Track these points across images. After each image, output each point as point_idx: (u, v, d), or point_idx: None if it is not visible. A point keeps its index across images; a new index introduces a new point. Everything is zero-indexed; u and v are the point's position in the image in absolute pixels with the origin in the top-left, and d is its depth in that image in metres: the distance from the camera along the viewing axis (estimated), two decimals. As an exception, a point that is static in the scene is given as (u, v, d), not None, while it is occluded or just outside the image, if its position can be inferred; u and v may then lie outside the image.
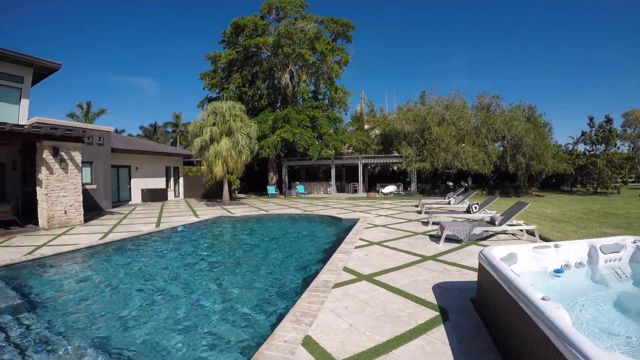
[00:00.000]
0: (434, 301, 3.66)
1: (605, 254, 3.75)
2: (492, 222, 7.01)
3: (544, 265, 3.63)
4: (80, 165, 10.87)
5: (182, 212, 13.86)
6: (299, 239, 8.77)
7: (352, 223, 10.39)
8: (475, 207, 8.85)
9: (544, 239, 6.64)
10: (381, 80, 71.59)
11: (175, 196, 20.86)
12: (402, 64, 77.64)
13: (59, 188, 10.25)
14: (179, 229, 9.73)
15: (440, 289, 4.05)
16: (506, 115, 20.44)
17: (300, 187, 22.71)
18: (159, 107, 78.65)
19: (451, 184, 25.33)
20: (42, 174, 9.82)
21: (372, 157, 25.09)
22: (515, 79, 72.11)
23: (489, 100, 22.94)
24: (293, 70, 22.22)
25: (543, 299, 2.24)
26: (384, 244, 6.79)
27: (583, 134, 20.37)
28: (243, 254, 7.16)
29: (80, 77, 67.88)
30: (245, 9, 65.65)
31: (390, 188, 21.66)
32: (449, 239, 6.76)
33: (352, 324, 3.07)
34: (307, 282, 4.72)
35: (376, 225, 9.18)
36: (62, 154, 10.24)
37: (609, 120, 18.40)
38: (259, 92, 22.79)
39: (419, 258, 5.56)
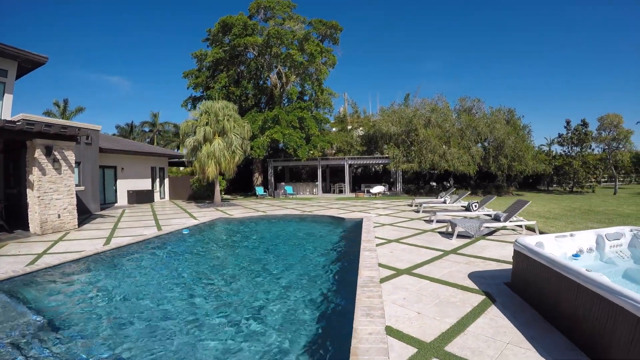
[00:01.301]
0: (476, 287, 4.33)
1: (609, 240, 4.60)
2: (496, 219, 7.87)
3: (564, 250, 4.40)
4: (73, 165, 10.55)
5: (176, 214, 13.86)
6: (312, 238, 9.22)
7: (356, 222, 11.01)
8: (475, 206, 9.75)
9: (542, 233, 7.58)
10: (362, 82, 73.14)
11: (160, 198, 20.56)
12: (384, 65, 79.74)
13: (52, 190, 9.88)
14: (183, 232, 9.76)
15: (475, 278, 4.73)
16: (488, 118, 21.99)
17: (288, 188, 23.09)
18: (134, 106, 75.89)
19: (434, 184, 26.76)
20: (34, 175, 9.41)
21: (359, 158, 25.95)
22: (491, 81, 76.28)
23: (471, 103, 24.50)
24: (281, 71, 22.57)
25: (587, 270, 2.93)
26: (401, 241, 7.44)
27: (560, 136, 22.31)
28: (264, 255, 7.41)
29: (51, 74, 64.24)
30: (226, 8, 65.05)
31: (378, 188, 22.55)
32: (460, 235, 7.53)
33: (419, 311, 3.63)
34: (343, 279, 5.22)
35: (383, 225, 9.84)
36: (55, 153, 9.89)
37: (584, 124, 20.39)
38: (247, 92, 22.92)
39: (441, 252, 6.25)
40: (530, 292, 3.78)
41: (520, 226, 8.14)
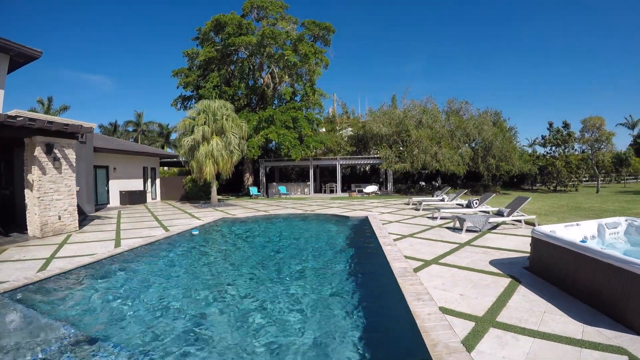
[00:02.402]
0: (500, 272, 5.01)
1: (609, 229, 5.42)
2: (500, 214, 8.69)
3: (572, 237, 5.14)
4: (74, 164, 10.34)
5: (176, 215, 13.96)
6: (324, 236, 9.71)
7: (361, 220, 11.63)
8: (476, 203, 10.59)
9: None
10: (350, 83, 74.43)
11: (152, 198, 20.47)
12: (370, 65, 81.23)
13: (52, 190, 9.58)
14: (193, 232, 9.83)
15: (496, 264, 5.43)
16: (475, 120, 23.23)
17: (282, 188, 23.49)
18: (117, 105, 74.20)
19: (423, 183, 27.89)
20: (34, 175, 9.10)
21: (350, 158, 26.69)
22: (472, 83, 79.33)
23: (459, 105, 25.75)
24: (275, 71, 22.94)
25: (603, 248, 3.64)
26: (415, 236, 8.11)
27: (543, 137, 23.90)
28: (286, 253, 7.82)
29: (28, 72, 61.46)
30: (210, 6, 64.61)
31: (371, 188, 23.33)
32: (467, 230, 8.28)
33: (461, 293, 4.24)
34: (375, 271, 5.79)
35: (390, 222, 10.50)
36: (56, 151, 9.61)
37: (566, 126, 22.01)
38: (239, 92, 23.15)
39: (456, 245, 6.95)
40: (550, 273, 4.49)
41: (520, 221, 9.01)
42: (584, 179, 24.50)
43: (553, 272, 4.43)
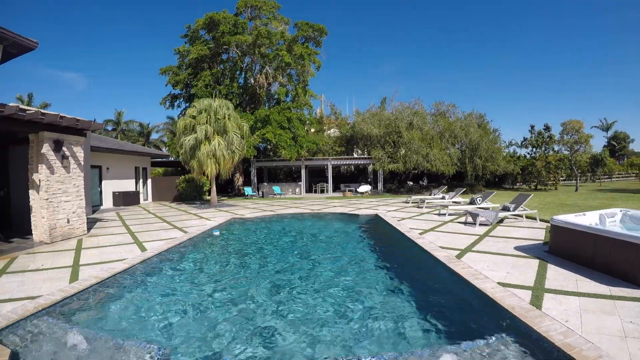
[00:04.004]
0: (527, 255, 6.23)
1: (608, 218, 6.82)
2: (506, 209, 10.07)
3: (588, 223, 6.48)
4: (82, 163, 9.97)
5: (181, 216, 14.03)
6: (350, 233, 10.57)
7: (371, 218, 12.75)
8: (479, 200, 11.98)
9: (542, 220, 9.93)
10: (338, 84, 75.97)
11: (144, 199, 20.52)
12: (356, 68, 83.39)
13: (61, 191, 9.16)
14: (214, 233, 10.19)
15: (520, 250, 6.67)
16: (462, 122, 25.12)
17: (276, 188, 24.23)
18: (95, 103, 71.55)
19: (411, 183, 29.58)
20: (42, 174, 8.66)
21: (342, 158, 27.86)
22: (448, 84, 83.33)
23: (445, 107, 27.62)
24: (269, 71, 23.63)
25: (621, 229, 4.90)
26: (436, 230, 9.30)
27: (525, 139, 26.27)
28: (325, 248, 8.56)
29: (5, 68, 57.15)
30: (192, 4, 63.91)
31: (365, 187, 24.62)
32: (481, 224, 9.57)
33: (507, 272, 5.34)
34: (420, 260, 6.80)
35: (403, 219, 11.65)
36: (64, 149, 9.23)
37: (547, 128, 24.43)
38: (232, 92, 23.62)
39: (477, 236, 8.18)
40: (570, 252, 5.74)
41: (521, 215, 10.45)
42: (561, 178, 27.13)
43: (573, 251, 5.69)
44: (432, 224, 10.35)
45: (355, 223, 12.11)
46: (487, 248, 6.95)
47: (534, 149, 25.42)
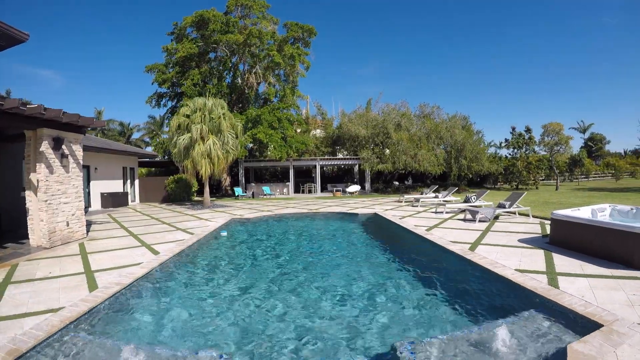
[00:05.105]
0: (532, 247, 7.05)
1: (599, 212, 7.78)
2: (502, 206, 11.00)
3: (585, 216, 7.39)
4: (81, 162, 9.69)
5: (177, 217, 14.01)
6: (356, 231, 11.17)
7: (370, 217, 13.42)
8: (474, 198, 12.92)
9: (534, 216, 10.92)
10: (322, 85, 76.71)
11: (132, 201, 20.28)
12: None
13: (60, 192, 8.77)
14: (221, 234, 10.39)
15: (524, 242, 7.50)
16: (447, 124, 26.40)
17: (266, 188, 24.52)
18: (73, 102, 68.80)
19: (397, 183, 30.66)
20: (41, 174, 8.26)
21: (330, 159, 28.53)
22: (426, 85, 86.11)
23: (430, 109, 28.86)
24: (259, 71, 23.93)
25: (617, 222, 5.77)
26: (440, 226, 10.06)
27: (506, 140, 27.91)
28: (338, 245, 9.19)
29: None
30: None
31: (354, 188, 25.35)
32: (480, 220, 10.43)
33: (519, 260, 6.10)
34: (436, 253, 7.45)
35: (403, 217, 12.39)
36: (63, 147, 8.85)
37: (528, 130, 26.13)
38: (221, 91, 23.75)
39: (480, 231, 8.99)
40: (570, 243, 6.60)
41: (514, 212, 11.43)
42: (541, 178, 29.05)
43: (574, 241, 6.54)
44: (433, 221, 11.12)
45: (360, 222, 12.73)
46: (494, 241, 7.74)
47: (515, 150, 27.10)
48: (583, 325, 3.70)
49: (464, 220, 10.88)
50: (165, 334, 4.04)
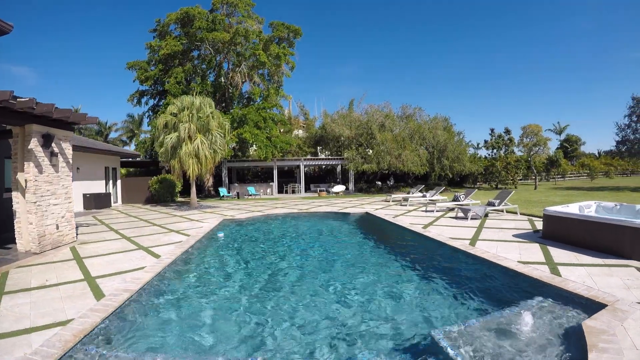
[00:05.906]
0: (527, 241, 7.59)
1: (586, 209, 8.45)
2: (491, 204, 11.63)
3: (576, 211, 8.00)
4: (71, 161, 9.26)
5: (166, 218, 13.77)
6: (354, 230, 11.48)
7: (362, 216, 13.78)
8: (462, 197, 13.54)
9: (522, 213, 11.61)
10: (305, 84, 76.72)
11: (114, 202, 19.72)
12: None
13: (49, 193, 8.30)
14: (219, 235, 10.33)
15: (519, 237, 8.04)
16: (429, 125, 27.30)
17: (251, 189, 24.46)
18: (48, 100, 64.76)
19: (379, 183, 31.33)
20: (29, 174, 7.76)
21: (314, 159, 28.79)
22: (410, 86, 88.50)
23: (412, 110, 29.73)
24: (245, 70, 23.86)
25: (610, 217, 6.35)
26: (434, 224, 10.52)
27: (486, 142, 29.17)
28: (344, 244, 9.44)
29: None
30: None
31: (339, 188, 25.72)
32: (472, 218, 10.99)
33: (519, 253, 6.58)
34: (439, 249, 7.83)
35: (397, 215, 12.83)
36: (53, 145, 8.39)
37: (507, 131, 27.44)
38: (206, 89, 23.50)
39: (474, 228, 9.51)
40: (563, 237, 7.18)
41: (502, 210, 12.10)
42: (519, 178, 30.60)
43: (565, 235, 7.12)
44: (426, 219, 11.59)
45: (353, 221, 13.04)
46: (490, 237, 8.25)
47: (494, 151, 28.40)
48: (589, 306, 4.15)
49: (456, 217, 11.42)
50: (205, 343, 3.81)
